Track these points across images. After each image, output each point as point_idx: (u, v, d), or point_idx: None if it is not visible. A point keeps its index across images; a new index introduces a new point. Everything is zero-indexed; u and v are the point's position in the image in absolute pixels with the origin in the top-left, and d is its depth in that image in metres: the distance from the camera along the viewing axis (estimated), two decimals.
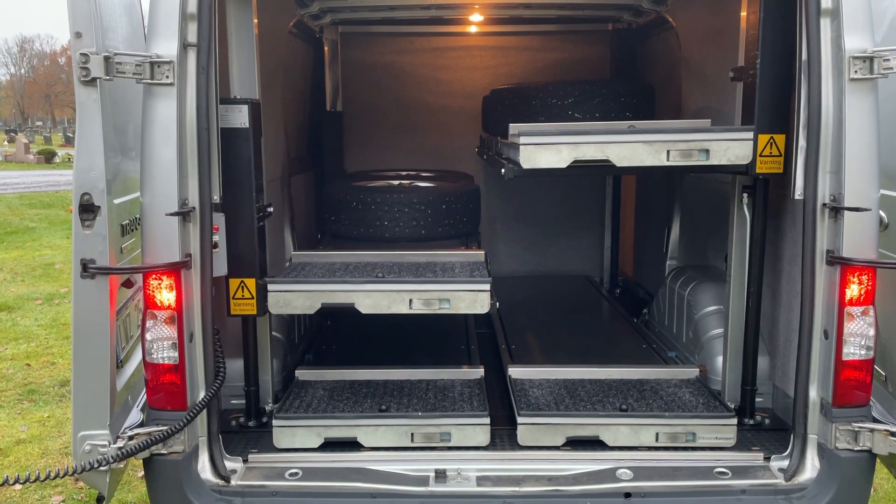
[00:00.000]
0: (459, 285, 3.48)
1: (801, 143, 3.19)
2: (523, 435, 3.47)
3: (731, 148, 3.33)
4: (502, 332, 4.99)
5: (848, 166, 3.07)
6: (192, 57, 3.09)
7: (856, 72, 3.03)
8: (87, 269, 3.01)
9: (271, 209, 3.80)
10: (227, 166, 3.37)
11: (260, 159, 3.58)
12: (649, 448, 3.45)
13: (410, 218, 4.69)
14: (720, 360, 4.04)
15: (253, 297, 3.55)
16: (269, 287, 3.51)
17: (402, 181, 5.60)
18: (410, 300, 3.45)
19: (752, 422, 3.73)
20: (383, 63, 6.69)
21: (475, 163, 6.67)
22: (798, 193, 3.22)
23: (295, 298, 3.49)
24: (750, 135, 3.35)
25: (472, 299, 3.46)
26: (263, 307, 3.55)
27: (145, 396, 3.28)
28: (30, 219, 17.47)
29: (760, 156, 3.43)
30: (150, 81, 3.05)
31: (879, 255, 3.22)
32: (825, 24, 3.08)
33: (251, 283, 3.54)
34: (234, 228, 3.46)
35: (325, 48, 6.39)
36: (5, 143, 43.66)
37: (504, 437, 3.57)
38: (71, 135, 51.49)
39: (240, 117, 3.44)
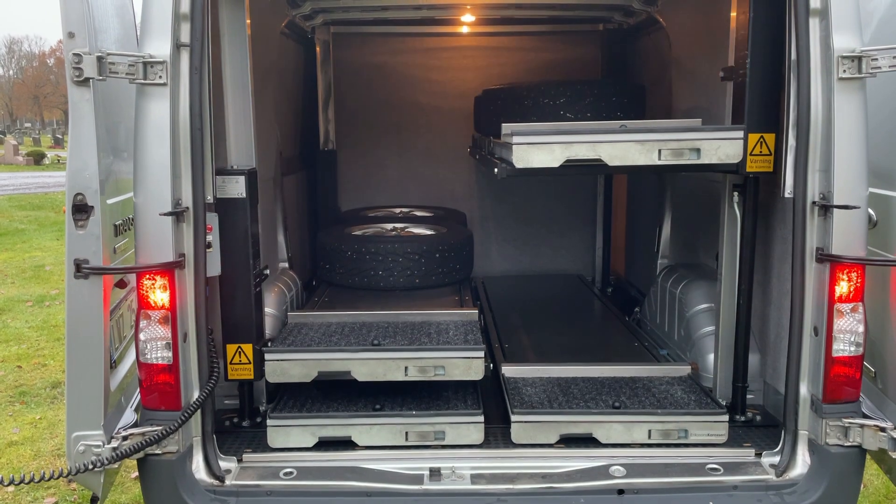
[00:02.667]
0: (454, 353, 3.59)
1: (791, 141, 3.22)
2: (517, 433, 3.49)
3: (722, 147, 3.36)
4: (495, 330, 5.01)
5: (837, 165, 3.10)
6: (185, 57, 3.10)
7: (844, 71, 3.07)
8: (81, 269, 3.00)
9: (268, 272, 3.88)
10: (224, 235, 3.43)
11: (257, 227, 3.65)
12: (642, 445, 3.48)
13: (404, 267, 4.83)
14: (711, 357, 4.07)
15: (250, 363, 3.61)
16: (267, 356, 3.58)
17: (397, 225, 5.70)
18: (406, 367, 3.56)
19: (743, 418, 3.76)
20: (375, 63, 6.70)
21: (467, 163, 6.69)
22: (788, 192, 3.25)
23: (292, 367, 3.57)
24: (740, 134, 3.39)
25: (467, 366, 3.56)
26: (260, 372, 3.63)
27: (139, 396, 3.28)
28: (19, 221, 17.37)
29: (751, 154, 3.46)
30: (143, 81, 3.05)
31: (868, 253, 3.26)
32: (814, 24, 3.12)
33: (248, 348, 3.60)
34: (231, 294, 3.55)
35: (317, 48, 6.40)
36: None
37: (498, 435, 3.58)
38: (60, 136, 51.24)
39: (237, 188, 3.50)
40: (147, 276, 3.12)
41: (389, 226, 5.72)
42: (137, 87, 3.09)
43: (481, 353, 3.58)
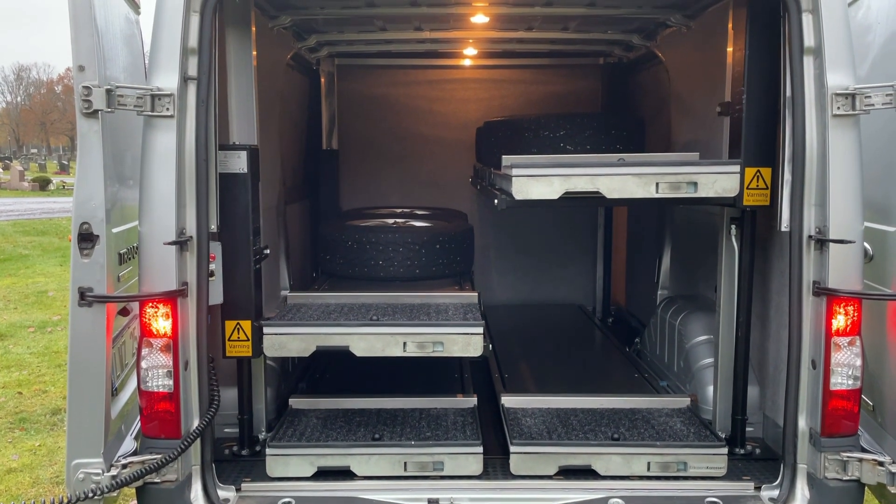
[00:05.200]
0: (453, 328, 3.56)
1: (787, 176, 3.27)
2: (516, 464, 3.49)
3: (719, 181, 3.40)
4: (496, 360, 5.01)
5: (832, 199, 3.14)
6: (192, 90, 3.17)
7: (838, 108, 3.12)
8: (85, 297, 3.04)
9: (268, 251, 3.86)
10: (225, 210, 3.44)
11: (258, 203, 3.66)
12: (641, 477, 3.47)
13: (405, 258, 4.79)
14: (711, 389, 4.07)
15: (248, 340, 3.60)
16: (265, 330, 3.57)
17: (397, 220, 5.67)
18: (404, 343, 3.54)
19: (742, 451, 3.75)
20: (379, 94, 6.80)
21: (469, 193, 6.74)
22: (784, 225, 3.29)
23: (290, 341, 3.56)
24: (737, 168, 3.43)
25: (466, 342, 3.53)
26: (259, 349, 3.61)
27: (139, 424, 3.29)
28: (23, 246, 17.44)
29: (747, 188, 3.50)
30: (150, 113, 3.12)
31: (865, 287, 3.29)
32: (808, 62, 3.18)
33: (247, 325, 3.59)
34: (231, 271, 3.52)
35: (322, 80, 6.50)
36: (0, 170, 43.72)
37: (497, 465, 3.58)
38: (66, 162, 51.63)
39: (238, 163, 3.53)
40: (150, 304, 3.15)
41: (391, 220, 5.71)
42: (145, 118, 3.15)
43: (480, 329, 3.55)
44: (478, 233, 6.91)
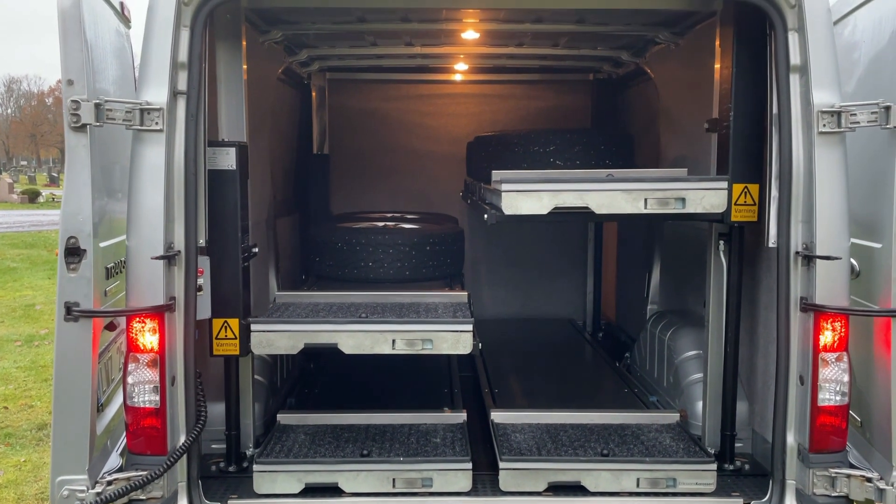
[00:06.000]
0: (442, 325, 3.52)
1: (774, 193, 3.29)
2: (505, 480, 3.47)
3: (707, 197, 3.42)
4: (485, 375, 5.00)
5: (819, 216, 3.17)
6: (181, 104, 3.16)
7: (824, 125, 3.15)
8: (71, 311, 3.02)
9: (256, 249, 3.83)
10: (213, 207, 3.41)
11: (246, 201, 3.63)
12: (630, 494, 3.46)
13: (395, 259, 4.74)
14: (700, 404, 4.07)
15: (236, 338, 3.56)
16: (253, 327, 3.53)
17: (388, 223, 5.66)
18: (393, 340, 3.49)
19: (731, 467, 3.75)
20: (370, 109, 6.81)
21: (460, 207, 6.75)
22: (772, 242, 3.31)
23: (278, 338, 3.52)
24: (724, 184, 3.46)
25: (455, 339, 3.49)
26: (246, 347, 3.56)
27: (125, 440, 3.26)
28: (11, 259, 17.33)
29: (735, 204, 3.52)
30: (139, 128, 3.11)
31: (852, 303, 3.30)
32: (794, 80, 3.22)
33: (234, 323, 3.55)
34: (219, 269, 3.49)
35: (313, 94, 6.51)
36: None
37: (486, 482, 3.56)
38: (56, 174, 51.41)
39: (227, 160, 3.50)
40: (137, 318, 3.13)
41: (381, 223, 5.70)
42: (134, 132, 3.14)
43: (470, 327, 3.51)
44: (469, 247, 6.93)
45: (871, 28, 3.78)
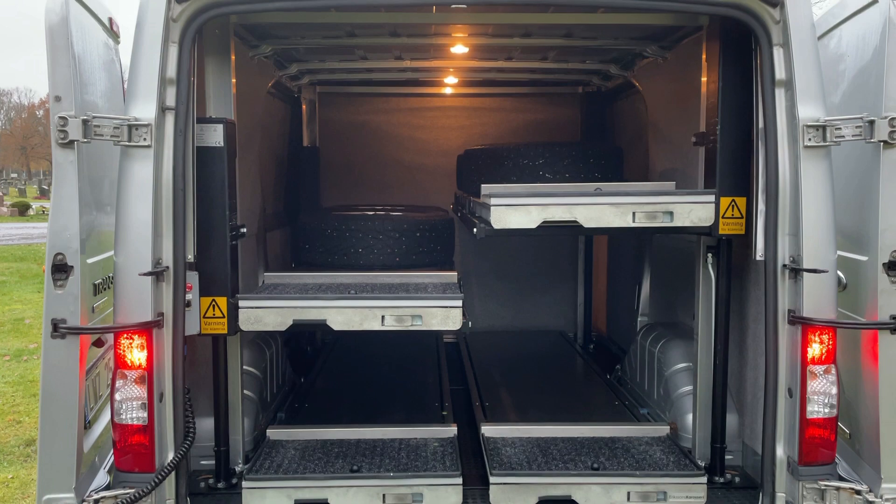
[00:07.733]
0: (432, 301, 3.52)
1: (761, 206, 3.32)
2: (495, 495, 3.46)
3: (694, 210, 3.44)
4: (476, 388, 4.99)
5: (805, 229, 3.19)
6: (169, 120, 3.16)
7: (809, 139, 3.18)
8: (58, 328, 3.00)
9: (245, 230, 3.79)
10: (200, 185, 3.38)
11: (234, 179, 3.60)
12: None
13: (385, 245, 4.71)
14: (690, 417, 4.08)
15: (224, 317, 3.52)
16: (241, 304, 3.50)
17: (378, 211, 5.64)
18: (383, 316, 3.48)
19: (722, 480, 3.75)
20: (360, 122, 6.83)
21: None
22: (759, 255, 3.33)
23: (266, 315, 3.50)
24: (711, 198, 3.48)
25: (445, 315, 3.49)
26: (235, 326, 3.53)
27: (112, 458, 3.23)
28: (0, 272, 17.20)
29: (723, 217, 3.54)
30: (127, 143, 3.11)
31: (840, 315, 3.32)
32: (780, 95, 3.24)
33: (222, 301, 3.51)
34: (207, 247, 3.45)
35: (303, 107, 6.52)
36: None
37: (477, 496, 3.55)
38: (46, 187, 51.16)
39: (215, 136, 3.47)
40: (125, 335, 3.11)
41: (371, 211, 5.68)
42: (122, 148, 3.14)
43: (459, 303, 3.50)
44: (459, 260, 6.93)
45: (856, 42, 3.82)
